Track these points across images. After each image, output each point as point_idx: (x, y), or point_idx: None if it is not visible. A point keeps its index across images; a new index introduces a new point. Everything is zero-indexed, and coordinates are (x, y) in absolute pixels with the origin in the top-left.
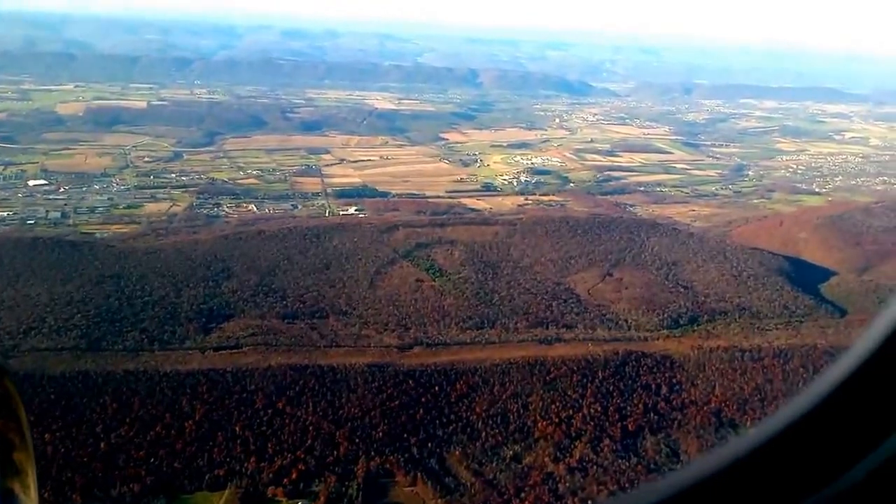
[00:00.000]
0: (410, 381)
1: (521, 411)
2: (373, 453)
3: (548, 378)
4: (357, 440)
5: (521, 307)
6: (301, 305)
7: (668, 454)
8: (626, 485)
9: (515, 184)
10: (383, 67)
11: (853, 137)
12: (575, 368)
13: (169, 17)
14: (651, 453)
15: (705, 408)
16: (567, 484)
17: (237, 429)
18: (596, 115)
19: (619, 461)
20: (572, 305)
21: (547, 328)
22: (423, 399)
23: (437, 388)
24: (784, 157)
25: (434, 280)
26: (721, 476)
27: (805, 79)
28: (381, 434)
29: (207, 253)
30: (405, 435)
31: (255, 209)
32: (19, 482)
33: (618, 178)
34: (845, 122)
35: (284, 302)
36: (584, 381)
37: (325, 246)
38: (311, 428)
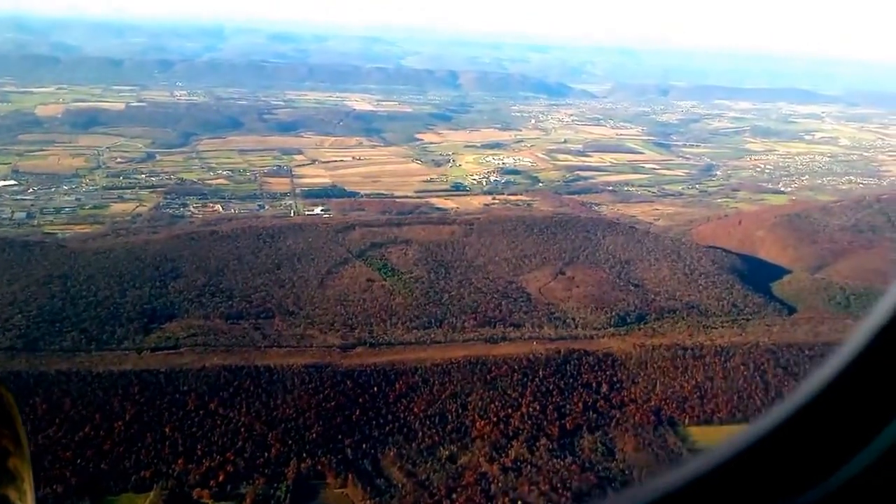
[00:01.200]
0: (348, 382)
1: (460, 411)
2: (305, 455)
3: (488, 377)
4: (289, 442)
5: (469, 306)
6: (247, 305)
7: (603, 453)
8: (559, 485)
9: (485, 184)
10: (364, 70)
11: (823, 137)
12: (516, 367)
13: (160, 21)
14: (587, 452)
15: (645, 406)
16: (499, 484)
17: (167, 430)
18: (571, 116)
19: (554, 460)
20: (521, 304)
21: (494, 327)
22: (360, 400)
23: (375, 389)
24: (753, 157)
25: (385, 280)
26: (713, 475)
27: (780, 80)
28: (314, 435)
29: (158, 253)
30: (339, 436)
31: (220, 209)
32: (15, 489)
33: (587, 178)
34: (816, 122)
35: (230, 302)
36: (525, 379)
37: (278, 246)
38: (242, 429)
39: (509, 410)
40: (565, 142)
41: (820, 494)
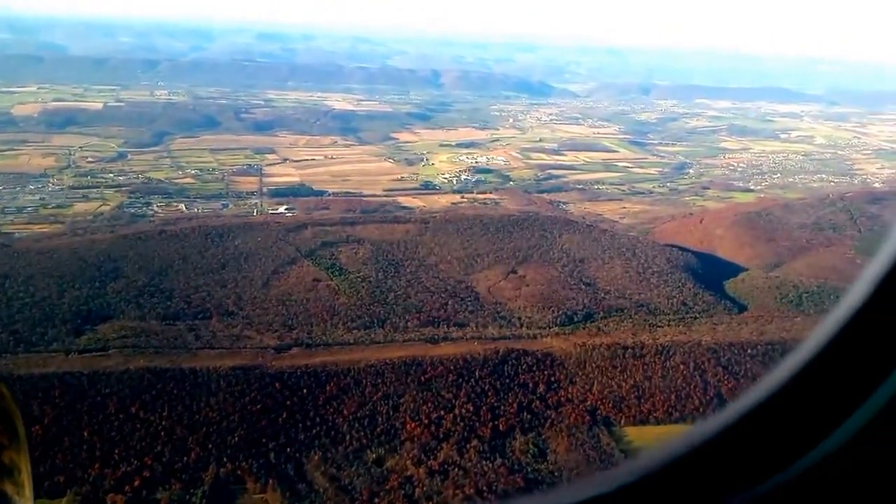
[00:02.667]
0: (277, 384)
1: (391, 413)
2: (225, 459)
3: (423, 378)
4: (210, 446)
5: (415, 306)
6: (186, 306)
7: (534, 454)
8: (484, 487)
9: (455, 182)
10: (347, 69)
11: (799, 136)
12: (452, 368)
13: (151, 20)
14: (518, 454)
15: (581, 406)
16: (424, 488)
17: (85, 434)
18: (550, 115)
19: (483, 463)
20: (469, 303)
21: (437, 327)
22: (287, 402)
23: (305, 391)
24: (727, 156)
25: (332, 279)
26: (669, 467)
27: (764, 80)
28: (237, 439)
29: (103, 253)
30: (263, 440)
31: (184, 209)
32: (11, 482)
33: (558, 177)
34: (795, 121)
35: (169, 303)
36: (460, 380)
37: (226, 245)
38: (162, 433)
39: (442, 412)
40: (541, 140)
41: (774, 486)
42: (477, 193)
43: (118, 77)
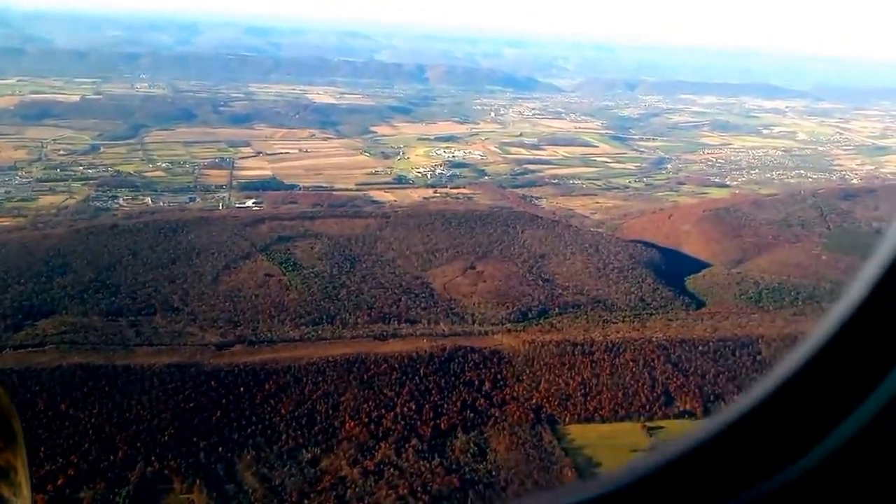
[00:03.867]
0: (213, 382)
1: (330, 412)
2: (154, 458)
3: (366, 376)
4: (139, 444)
5: (367, 302)
6: (131, 302)
7: (474, 453)
8: (419, 488)
9: (429, 176)
10: (332, 63)
11: (781, 132)
12: (396, 366)
13: (139, 14)
14: (458, 453)
15: (526, 404)
16: (356, 489)
17: None
18: (533, 109)
19: (421, 462)
20: (422, 300)
21: (387, 324)
22: (223, 401)
23: (242, 389)
24: (706, 151)
25: (284, 275)
26: (662, 472)
27: (752, 76)
28: (167, 438)
29: (53, 248)
30: (195, 439)
31: (150, 202)
32: (7, 484)
33: (534, 172)
34: (778, 117)
35: (114, 298)
36: (404, 378)
37: (179, 240)
38: (90, 431)
39: (382, 411)
40: (521, 135)
41: (771, 488)
42: (450, 188)
43: (100, 70)
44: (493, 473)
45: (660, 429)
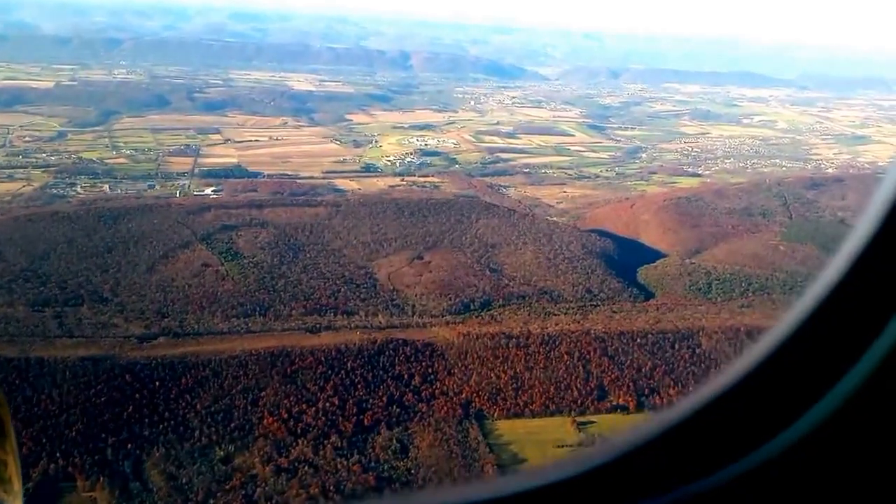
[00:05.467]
0: (127, 376)
1: (248, 407)
2: (58, 455)
3: (289, 370)
4: (45, 440)
5: (304, 293)
6: (59, 292)
7: (396, 450)
8: (331, 487)
9: (398, 165)
10: (315, 50)
11: (762, 121)
12: (323, 359)
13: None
14: (378, 450)
15: (455, 399)
16: (266, 487)
17: None
18: (514, 98)
19: (338, 460)
20: (363, 291)
21: (322, 315)
22: (136, 395)
23: (157, 384)
24: (683, 140)
25: (222, 264)
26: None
27: (740, 65)
28: (74, 434)
29: None
30: (104, 435)
31: (108, 190)
32: None
33: (506, 160)
34: (761, 106)
35: (42, 288)
36: (329, 372)
37: (119, 228)
38: None
39: (304, 406)
40: (498, 123)
41: (715, 484)
42: (418, 176)
43: (80, 56)
44: (413, 471)
45: (590, 423)
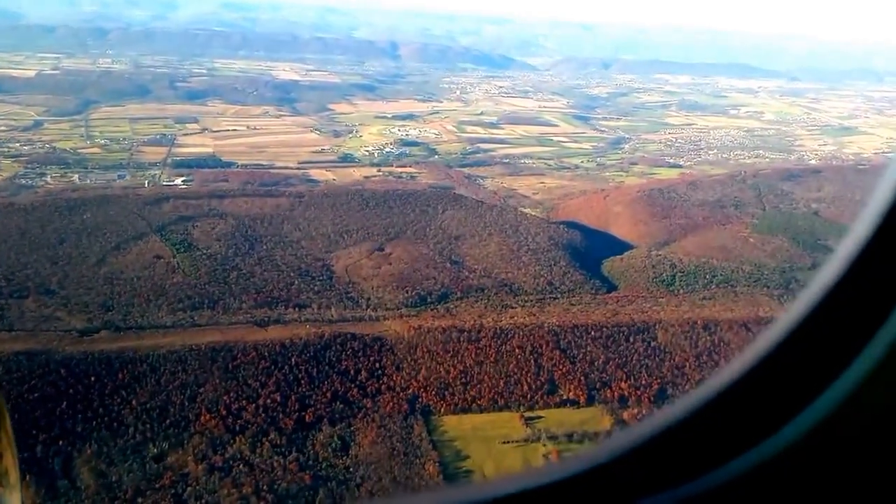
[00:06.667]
0: (62, 371)
1: (186, 403)
2: None
3: (231, 366)
4: None
5: (257, 285)
6: (5, 284)
7: (336, 448)
8: (265, 487)
9: (376, 155)
10: (303, 39)
11: (749, 112)
12: (267, 354)
13: None
14: (318, 448)
15: (401, 394)
16: (197, 486)
17: None
18: (502, 88)
19: (275, 458)
20: (318, 283)
21: (273, 308)
22: (70, 391)
23: (93, 379)
24: (668, 131)
25: (175, 256)
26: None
27: (729, 56)
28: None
29: None
30: (34, 431)
31: (77, 180)
32: None
33: (487, 151)
34: (749, 97)
35: None
36: (273, 368)
37: (74, 219)
38: None
39: (244, 402)
40: (482, 114)
41: (711, 484)
42: (396, 167)
43: (67, 45)
44: (351, 470)
45: (539, 418)
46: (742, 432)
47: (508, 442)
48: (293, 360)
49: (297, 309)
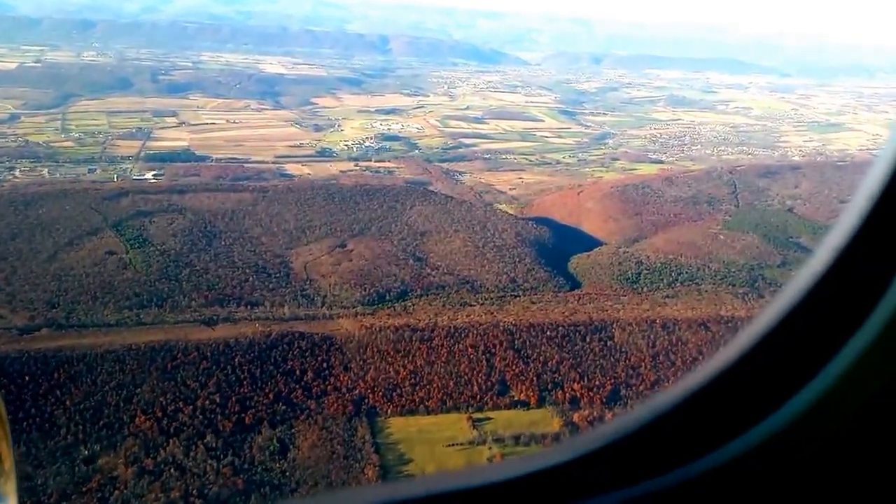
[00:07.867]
0: None
1: (122, 405)
2: None
3: (170, 366)
4: None
5: (210, 282)
6: None
7: (274, 451)
8: (194, 491)
9: (356, 150)
10: (293, 33)
11: (737, 107)
12: (209, 354)
13: None
14: (255, 451)
15: (348, 395)
16: (124, 490)
17: None
18: (490, 82)
19: (209, 462)
20: (274, 280)
21: (224, 306)
22: (2, 390)
23: (26, 378)
24: (654, 127)
25: (127, 252)
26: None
27: (722, 51)
28: None
29: None
30: None
31: (46, 174)
32: None
33: (469, 146)
34: (739, 92)
35: None
36: (214, 368)
37: (29, 214)
38: None
39: (181, 404)
40: (467, 108)
41: (693, 473)
42: (374, 162)
43: (51, 38)
44: (287, 474)
45: (488, 420)
46: (709, 431)
47: (454, 444)
48: (237, 360)
49: (248, 307)
